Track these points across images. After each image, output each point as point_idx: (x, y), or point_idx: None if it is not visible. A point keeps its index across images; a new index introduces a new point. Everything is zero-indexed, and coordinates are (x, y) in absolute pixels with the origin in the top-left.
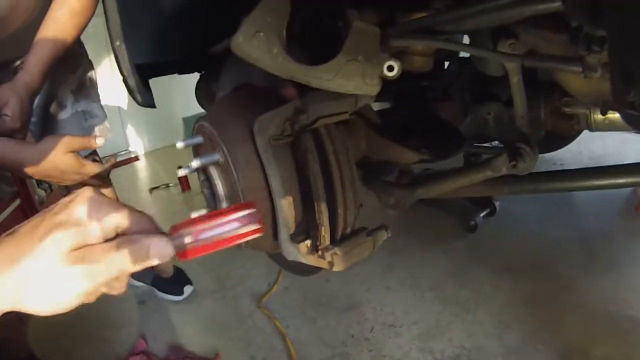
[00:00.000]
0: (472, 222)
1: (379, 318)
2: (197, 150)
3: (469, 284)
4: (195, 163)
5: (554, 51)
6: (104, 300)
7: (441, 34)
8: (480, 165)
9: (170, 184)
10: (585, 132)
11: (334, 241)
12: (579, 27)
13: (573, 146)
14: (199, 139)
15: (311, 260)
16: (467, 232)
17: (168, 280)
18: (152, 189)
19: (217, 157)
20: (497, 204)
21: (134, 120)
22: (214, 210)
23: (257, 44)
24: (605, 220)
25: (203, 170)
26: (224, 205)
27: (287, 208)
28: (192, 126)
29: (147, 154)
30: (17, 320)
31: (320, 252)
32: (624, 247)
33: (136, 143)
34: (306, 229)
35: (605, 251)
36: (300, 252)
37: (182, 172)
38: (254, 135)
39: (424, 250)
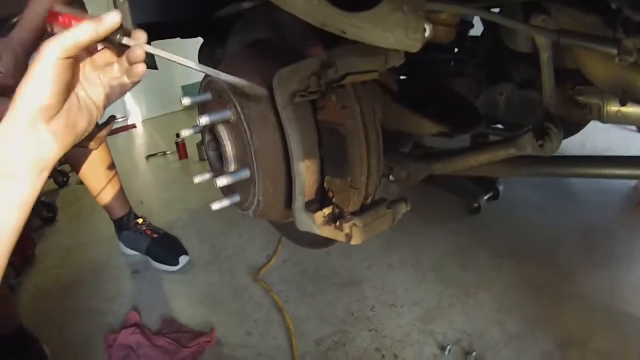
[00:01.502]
0: (476, 205)
1: (380, 297)
2: (204, 110)
3: (471, 265)
4: (203, 119)
5: (583, 27)
6: (96, 270)
7: (473, 2)
8: (505, 142)
9: (168, 152)
10: (590, 125)
11: (354, 212)
12: (618, 10)
13: (577, 138)
14: (207, 96)
15: (327, 232)
16: (470, 214)
17: (163, 250)
18: (148, 156)
19: (228, 113)
20: (500, 188)
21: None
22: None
23: None
24: (606, 214)
25: (210, 129)
26: (232, 167)
27: (305, 172)
28: (200, 85)
29: (145, 122)
30: (6, 291)
31: (338, 223)
32: (623, 242)
33: (134, 110)
34: (322, 196)
35: (605, 244)
36: (316, 223)
37: (186, 132)
38: (273, 90)
39: (426, 229)
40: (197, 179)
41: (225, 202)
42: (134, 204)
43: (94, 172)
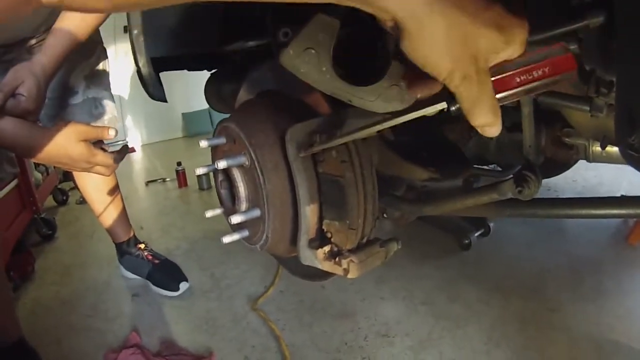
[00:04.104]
0: (467, 241)
1: (373, 327)
2: (215, 150)
3: (461, 299)
4: (222, 164)
5: (562, 87)
6: (95, 290)
7: None
8: (488, 188)
9: (167, 179)
10: (581, 162)
11: (351, 249)
12: (592, 70)
13: (568, 174)
14: (222, 140)
15: (327, 266)
16: (461, 249)
17: (164, 276)
18: (148, 182)
19: (243, 159)
20: (491, 225)
21: (133, 111)
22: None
23: (308, 60)
24: (595, 248)
25: (224, 170)
26: (244, 207)
27: (310, 215)
28: (215, 127)
29: (144, 146)
30: (9, 297)
31: (337, 259)
32: (611, 274)
33: (134, 134)
34: (322, 235)
35: (593, 277)
36: (317, 258)
37: (200, 171)
38: (285, 143)
39: (419, 264)
40: (209, 214)
41: (235, 236)
42: (134, 229)
43: (98, 195)
